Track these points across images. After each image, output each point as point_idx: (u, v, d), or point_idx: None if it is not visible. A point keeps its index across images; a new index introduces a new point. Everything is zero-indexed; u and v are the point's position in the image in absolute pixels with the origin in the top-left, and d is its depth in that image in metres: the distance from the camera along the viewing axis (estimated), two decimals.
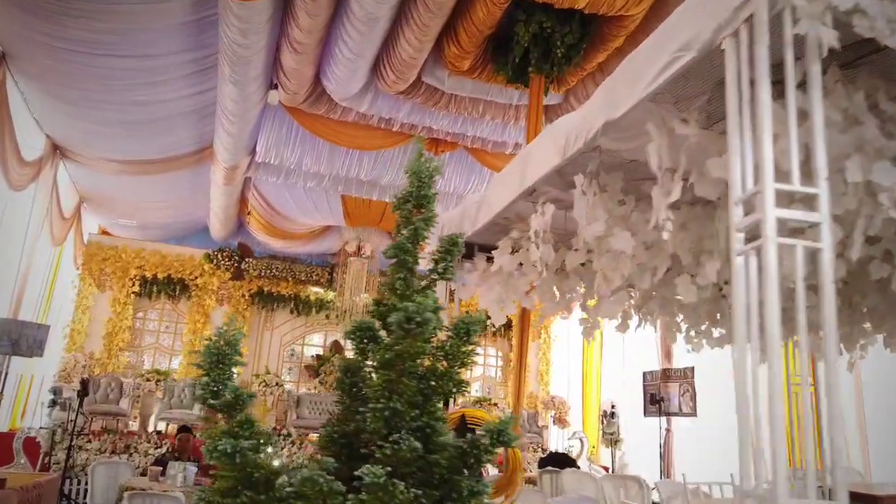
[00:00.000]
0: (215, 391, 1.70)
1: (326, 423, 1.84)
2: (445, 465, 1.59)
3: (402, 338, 1.68)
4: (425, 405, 1.72)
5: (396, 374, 1.68)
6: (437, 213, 1.89)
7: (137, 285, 12.55)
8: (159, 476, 6.06)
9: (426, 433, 1.67)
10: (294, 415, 12.16)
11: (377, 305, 1.93)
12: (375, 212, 11.38)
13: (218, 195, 10.62)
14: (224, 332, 1.78)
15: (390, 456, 1.58)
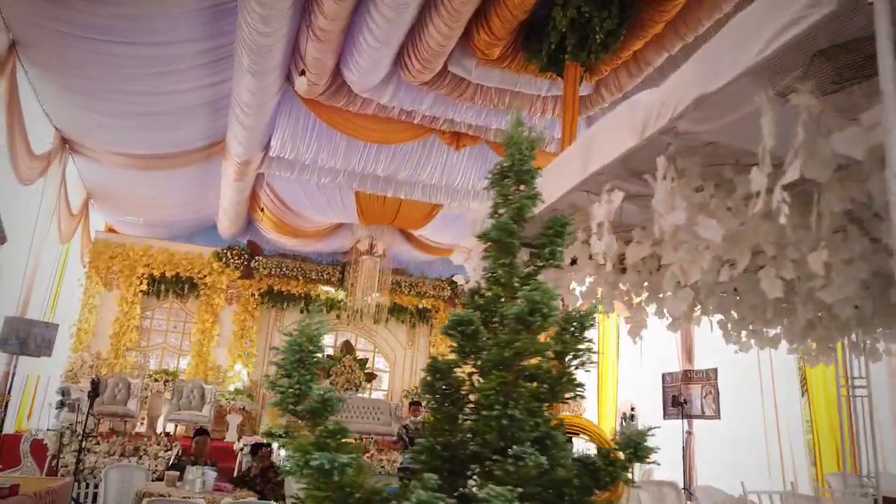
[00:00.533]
0: (297, 395, 1.44)
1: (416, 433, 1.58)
2: (576, 484, 1.33)
3: (519, 332, 1.42)
4: (539, 412, 1.47)
5: (513, 375, 1.42)
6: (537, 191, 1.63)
7: (145, 284, 12.29)
8: (176, 481, 5.80)
9: (545, 445, 1.42)
10: None
11: (473, 296, 1.67)
12: (390, 209, 11.12)
13: (228, 191, 10.36)
14: (305, 328, 1.52)
15: (512, 473, 1.32)
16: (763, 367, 9.46)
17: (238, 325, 12.78)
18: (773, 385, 9.28)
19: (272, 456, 6.37)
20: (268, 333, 13.16)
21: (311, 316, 1.52)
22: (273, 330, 13.24)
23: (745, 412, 10.19)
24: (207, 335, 12.53)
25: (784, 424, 9.08)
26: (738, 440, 10.04)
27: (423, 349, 14.09)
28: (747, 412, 10.21)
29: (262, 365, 12.88)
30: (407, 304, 13.93)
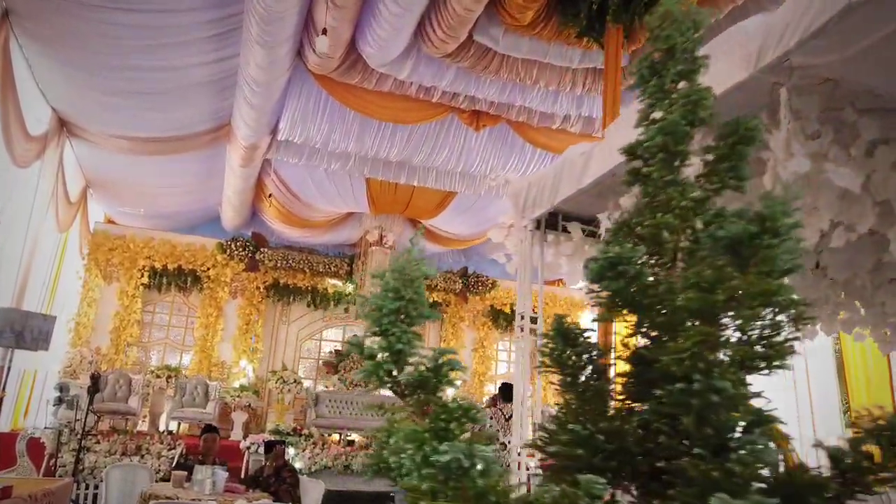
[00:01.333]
0: (397, 360, 0.99)
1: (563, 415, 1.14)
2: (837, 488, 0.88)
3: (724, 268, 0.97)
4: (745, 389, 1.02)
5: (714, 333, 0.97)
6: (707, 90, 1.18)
7: (146, 277, 11.83)
8: (184, 482, 5.35)
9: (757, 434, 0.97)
10: (313, 414, 11.46)
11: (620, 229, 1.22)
12: (402, 197, 10.67)
13: (233, 179, 9.90)
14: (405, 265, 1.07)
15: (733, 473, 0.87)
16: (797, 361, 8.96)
17: (243, 319, 12.32)
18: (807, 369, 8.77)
19: (286, 455, 5.93)
20: (273, 328, 12.70)
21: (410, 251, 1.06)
22: (279, 324, 12.78)
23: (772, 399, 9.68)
24: (211, 330, 12.08)
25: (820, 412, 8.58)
26: None
27: (433, 344, 13.60)
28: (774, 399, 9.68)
29: (268, 361, 12.43)
30: None
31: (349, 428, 11.38)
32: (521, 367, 3.93)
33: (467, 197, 10.65)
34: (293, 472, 5.76)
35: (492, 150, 8.72)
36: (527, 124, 7.84)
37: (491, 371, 13.83)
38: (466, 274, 13.74)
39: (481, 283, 13.65)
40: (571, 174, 3.42)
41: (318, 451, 9.96)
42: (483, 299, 13.89)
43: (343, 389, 12.32)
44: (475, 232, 11.89)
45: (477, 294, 13.72)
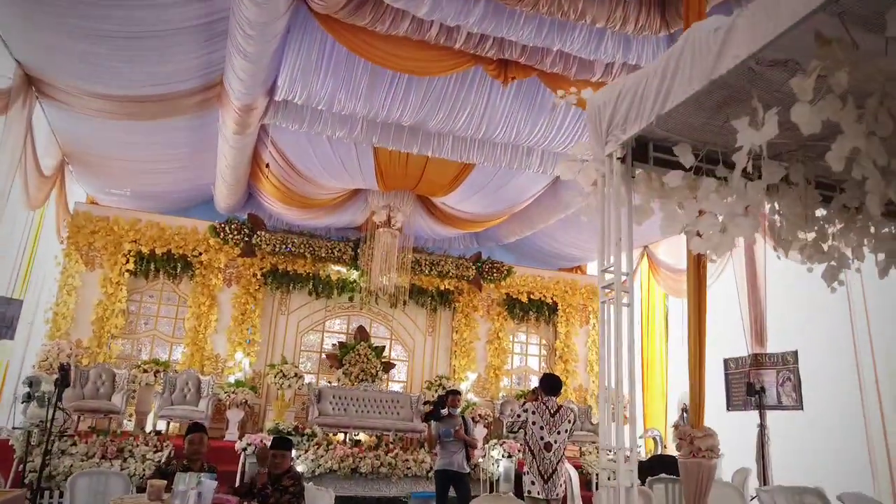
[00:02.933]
0: None
1: None
2: None
3: None
4: None
5: None
6: None
7: (132, 262, 10.80)
8: (163, 492, 4.33)
9: None
10: (316, 411, 10.45)
11: None
12: (413, 171, 9.64)
13: (227, 150, 8.86)
14: None
15: None
16: (861, 344, 8.05)
17: (238, 308, 11.30)
18: (875, 368, 7.84)
19: (289, 459, 4.90)
20: (272, 318, 11.68)
21: None
22: (277, 315, 11.75)
23: (836, 401, 8.78)
24: (203, 320, 11.04)
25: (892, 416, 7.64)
26: (828, 435, 8.62)
27: (444, 335, 12.62)
28: (839, 401, 8.79)
29: (266, 354, 11.40)
30: (427, 286, 12.46)
31: (355, 426, 10.36)
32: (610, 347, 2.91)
33: (484, 172, 9.64)
34: (296, 480, 4.74)
35: (519, 111, 7.70)
36: (563, 76, 6.81)
37: (507, 365, 12.81)
38: (480, 260, 12.72)
39: (496, 270, 12.64)
40: (696, 62, 2.39)
41: (323, 453, 8.95)
42: (498, 287, 12.87)
43: (348, 384, 11.31)
44: (490, 212, 10.87)
45: (491, 281, 12.69)
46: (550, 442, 5.37)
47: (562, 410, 5.53)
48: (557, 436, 5.43)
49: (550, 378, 5.72)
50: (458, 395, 7.38)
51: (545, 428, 5.38)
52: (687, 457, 3.45)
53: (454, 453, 6.86)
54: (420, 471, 9.05)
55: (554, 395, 5.59)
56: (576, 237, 12.25)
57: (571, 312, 13.11)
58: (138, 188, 11.00)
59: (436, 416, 7.07)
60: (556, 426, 5.42)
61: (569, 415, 5.53)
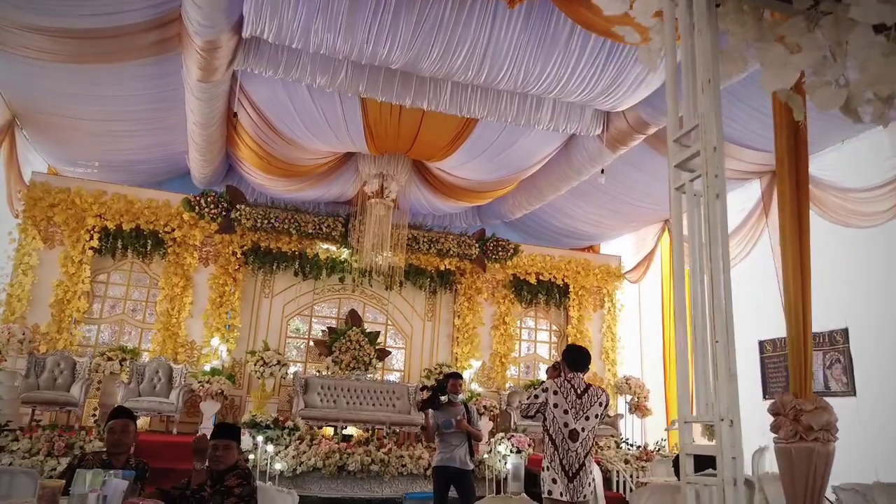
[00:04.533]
0: None
1: None
2: None
3: None
4: None
5: None
6: None
7: (97, 239, 9.71)
8: (59, 495, 3.22)
9: None
10: (301, 403, 9.35)
11: None
12: (407, 130, 8.52)
13: (194, 103, 7.75)
14: None
15: None
16: None
17: (216, 290, 10.19)
18: None
19: (237, 453, 3.77)
20: (254, 302, 10.57)
21: None
22: (260, 298, 10.64)
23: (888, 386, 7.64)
24: (177, 303, 9.95)
25: None
26: (886, 424, 7.47)
27: (445, 320, 11.49)
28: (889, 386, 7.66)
29: (247, 340, 10.29)
30: (426, 266, 11.34)
31: (346, 420, 9.26)
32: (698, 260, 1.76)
33: (487, 131, 8.50)
34: (244, 479, 3.62)
35: (527, 46, 6.56)
36: None
37: (514, 352, 11.67)
38: (484, 237, 11.58)
39: (502, 249, 11.50)
40: None
41: (306, 449, 7.84)
42: (504, 267, 11.73)
43: (338, 374, 10.20)
44: (494, 178, 9.72)
45: (496, 261, 11.56)
46: (576, 429, 4.20)
47: (591, 391, 4.35)
48: (585, 422, 4.24)
49: (576, 350, 4.57)
50: (460, 379, 6.26)
51: (570, 412, 4.22)
52: (791, 440, 2.31)
53: (455, 447, 5.80)
54: (416, 468, 7.94)
55: (580, 370, 4.43)
56: (589, 211, 11.11)
57: (584, 295, 11.97)
58: (104, 156, 9.92)
59: (434, 404, 5.97)
60: (584, 410, 4.25)
61: (600, 396, 4.35)
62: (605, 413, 4.40)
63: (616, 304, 12.20)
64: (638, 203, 10.41)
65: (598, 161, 8.81)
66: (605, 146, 8.49)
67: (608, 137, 8.40)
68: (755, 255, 9.29)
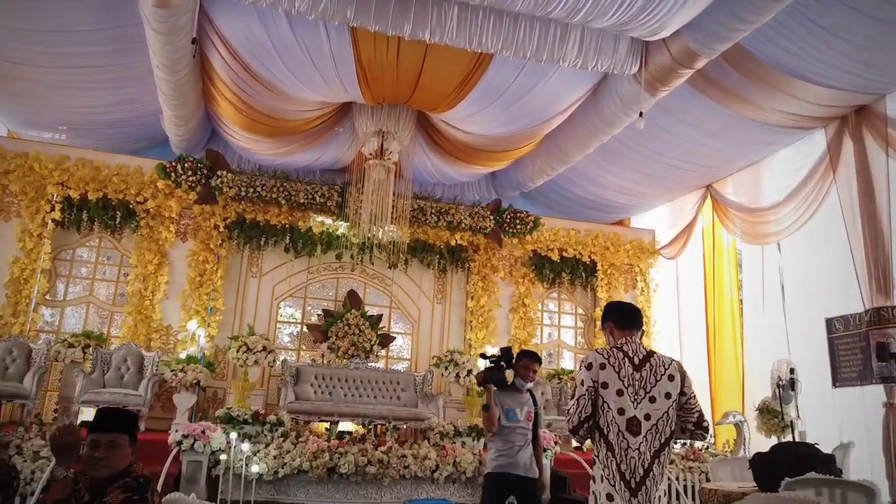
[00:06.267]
0: None
1: None
2: None
3: None
4: None
5: None
6: None
7: (58, 211, 8.54)
8: None
9: None
10: (291, 394, 8.12)
11: None
12: (406, 72, 7.23)
13: (154, 38, 6.52)
14: None
15: None
16: None
17: (195, 269, 8.98)
18: None
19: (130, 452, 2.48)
20: (239, 282, 9.34)
21: None
22: (246, 277, 9.42)
23: None
24: (151, 283, 8.75)
25: None
26: None
27: (457, 302, 10.19)
28: None
29: (232, 325, 9.08)
30: (434, 241, 10.04)
31: (342, 414, 8.01)
32: None
33: (503, 71, 7.19)
34: (135, 494, 2.35)
35: None
36: None
37: (535, 338, 10.34)
38: (500, 209, 10.26)
39: (520, 221, 10.16)
40: None
41: (290, 448, 6.59)
42: (522, 242, 10.40)
43: (335, 362, 8.95)
44: (509, 132, 8.36)
45: (514, 235, 10.22)
46: (637, 417, 2.80)
47: (655, 360, 2.93)
48: (650, 406, 2.83)
49: (621, 304, 3.24)
50: (536, 362, 4.46)
51: (627, 392, 2.84)
52: None
53: (520, 448, 4.20)
54: (422, 470, 6.65)
55: (635, 329, 3.08)
56: (620, 177, 9.74)
57: (614, 274, 10.60)
58: (68, 117, 8.78)
59: (498, 378, 4.28)
60: (648, 387, 2.87)
61: (668, 366, 2.93)
62: (682, 392, 2.92)
63: (650, 284, 10.82)
64: (679, 164, 9.02)
65: (633, 108, 7.45)
66: (642, 88, 7.12)
67: (647, 77, 7.03)
68: (819, 219, 7.90)
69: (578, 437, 2.93)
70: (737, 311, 9.24)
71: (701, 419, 2.99)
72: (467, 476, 6.74)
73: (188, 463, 6.22)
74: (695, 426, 2.96)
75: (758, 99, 7.32)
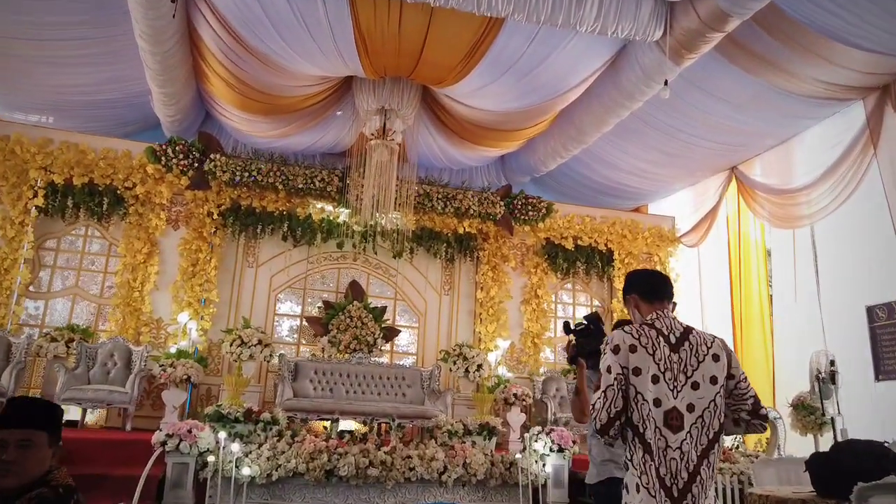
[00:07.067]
0: None
1: None
2: None
3: None
4: None
5: None
6: None
7: (42, 197, 8.04)
8: None
9: None
10: (289, 391, 7.59)
11: None
12: (409, 42, 6.67)
13: (135, 6, 6.00)
14: None
15: None
16: None
17: (187, 258, 8.47)
18: None
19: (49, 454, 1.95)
20: (235, 271, 8.82)
21: None
22: (242, 267, 8.89)
23: None
24: (140, 273, 8.24)
25: None
26: None
27: (466, 294, 9.63)
28: None
29: (227, 318, 8.55)
30: (441, 229, 9.49)
31: (343, 412, 7.47)
32: None
33: (514, 39, 6.61)
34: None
35: None
36: None
37: (548, 331, 9.77)
38: (510, 194, 9.69)
39: (532, 208, 9.59)
40: None
41: (285, 448, 6.05)
42: (535, 230, 9.83)
43: (336, 357, 8.41)
44: (521, 107, 7.77)
45: (526, 223, 9.65)
46: (678, 409, 2.22)
47: (695, 337, 2.30)
48: (693, 393, 2.23)
49: (647, 273, 2.62)
50: None
51: (663, 377, 2.24)
52: None
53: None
54: (429, 472, 6.09)
55: (664, 300, 2.47)
56: (639, 157, 9.14)
57: (631, 263, 10.01)
58: (53, 97, 8.28)
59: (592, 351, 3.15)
60: (688, 371, 2.26)
61: (711, 344, 2.32)
62: (730, 374, 2.31)
63: (670, 274, 10.21)
64: (702, 142, 8.41)
65: (655, 79, 6.87)
66: (666, 56, 6.53)
67: (672, 43, 6.43)
68: (857, 199, 7.29)
69: (608, 437, 2.34)
70: (765, 300, 8.63)
71: (757, 406, 2.40)
72: (478, 478, 6.18)
73: (173, 465, 5.69)
74: (750, 415, 2.37)
75: (792, 66, 6.73)
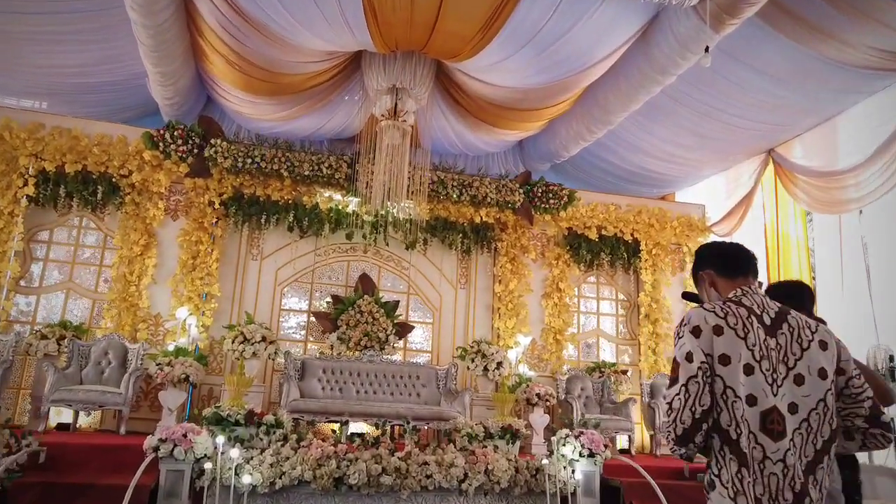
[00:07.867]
0: None
1: None
2: None
3: None
4: None
5: None
6: None
7: (32, 186, 7.57)
8: None
9: None
10: (295, 391, 7.06)
11: None
12: (422, 10, 6.10)
13: None
14: None
15: None
16: None
17: (187, 250, 7.97)
18: None
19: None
20: (238, 264, 8.31)
21: None
22: (246, 260, 8.38)
23: None
24: (137, 266, 7.75)
25: None
26: None
27: (483, 287, 9.07)
28: None
29: (229, 312, 8.05)
30: (456, 218, 8.94)
31: (354, 413, 6.92)
32: None
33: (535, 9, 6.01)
34: None
35: None
36: None
37: (571, 327, 9.19)
38: (529, 181, 9.13)
39: (553, 195, 9.02)
40: None
41: (290, 454, 5.51)
42: (556, 220, 9.25)
43: (346, 355, 7.88)
44: (541, 82, 7.18)
45: (547, 211, 9.08)
46: (779, 409, 1.71)
47: (793, 320, 1.82)
48: (798, 389, 1.73)
49: (723, 246, 2.09)
50: None
51: (758, 367, 1.73)
52: None
53: None
54: (447, 480, 5.54)
55: (749, 275, 1.94)
56: (667, 140, 8.53)
57: (659, 255, 9.41)
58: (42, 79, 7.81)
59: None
60: (789, 360, 1.76)
61: (816, 329, 1.83)
62: (839, 369, 1.82)
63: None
64: (738, 121, 7.80)
65: (691, 50, 6.27)
66: (706, 23, 5.92)
67: (712, 7, 5.83)
68: None
69: (690, 448, 1.78)
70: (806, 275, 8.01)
71: (877, 410, 1.85)
72: (501, 486, 5.63)
73: (167, 473, 5.18)
74: (868, 422, 1.85)
75: (844, 32, 6.11)
